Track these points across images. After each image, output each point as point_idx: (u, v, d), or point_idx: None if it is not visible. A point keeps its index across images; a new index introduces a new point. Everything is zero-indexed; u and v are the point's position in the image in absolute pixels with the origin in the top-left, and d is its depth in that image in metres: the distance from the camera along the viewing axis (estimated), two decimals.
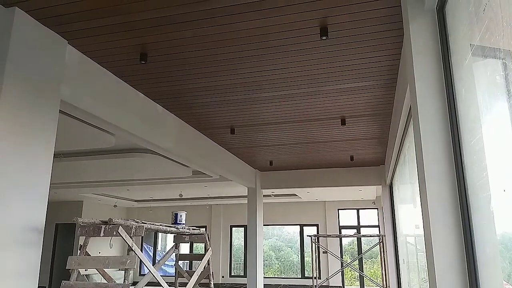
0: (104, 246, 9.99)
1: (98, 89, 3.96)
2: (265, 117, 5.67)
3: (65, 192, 11.69)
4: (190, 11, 3.11)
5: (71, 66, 3.57)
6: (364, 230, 14.66)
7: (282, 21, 3.24)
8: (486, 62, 1.74)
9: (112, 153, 7.34)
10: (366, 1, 2.97)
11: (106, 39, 3.50)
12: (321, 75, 4.25)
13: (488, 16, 1.52)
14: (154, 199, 14.54)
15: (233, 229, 16.10)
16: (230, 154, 7.91)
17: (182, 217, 4.35)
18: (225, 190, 11.83)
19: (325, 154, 8.04)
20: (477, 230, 1.92)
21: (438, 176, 2.08)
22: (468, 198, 1.97)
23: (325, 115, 5.56)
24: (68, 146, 6.68)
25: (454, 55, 2.12)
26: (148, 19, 3.20)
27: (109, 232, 3.15)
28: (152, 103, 4.97)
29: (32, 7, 3.02)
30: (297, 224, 15.54)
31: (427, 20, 2.29)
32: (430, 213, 2.07)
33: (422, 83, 2.21)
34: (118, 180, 9.83)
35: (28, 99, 3.04)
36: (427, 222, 2.13)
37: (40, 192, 3.09)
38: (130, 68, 4.05)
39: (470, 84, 1.93)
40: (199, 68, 4.08)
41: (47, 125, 3.19)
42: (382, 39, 3.52)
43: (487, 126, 1.74)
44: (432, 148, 2.12)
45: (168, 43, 3.58)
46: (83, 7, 3.03)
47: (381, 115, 5.62)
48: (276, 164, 9.00)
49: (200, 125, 6.07)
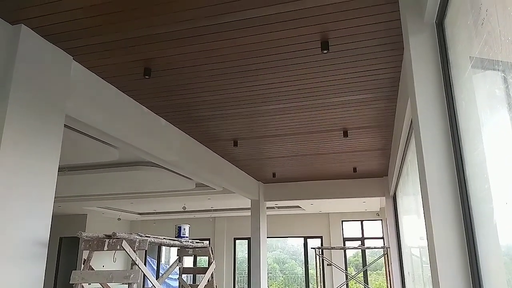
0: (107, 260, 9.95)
1: (102, 104, 4.00)
2: (267, 129, 5.70)
3: (69, 206, 11.70)
4: (193, 27, 3.16)
5: (76, 81, 3.62)
6: (368, 242, 14.54)
7: (283, 35, 3.28)
8: (486, 75, 1.75)
9: (116, 166, 7.37)
10: (366, 15, 3.01)
11: (111, 55, 3.55)
12: (323, 88, 4.28)
13: (486, 30, 1.54)
14: (158, 212, 14.51)
15: (237, 241, 16.00)
16: (233, 167, 7.92)
17: (185, 231, 4.35)
18: (229, 202, 11.81)
19: (328, 166, 8.04)
20: (481, 242, 1.91)
21: (440, 189, 2.09)
22: (471, 210, 1.97)
23: (327, 127, 5.58)
24: (72, 159, 6.72)
25: (454, 68, 2.14)
26: (152, 35, 3.25)
27: (112, 246, 3.15)
28: (155, 116, 5.01)
29: (38, 24, 3.08)
30: (301, 236, 15.43)
31: (427, 33, 2.32)
32: (433, 225, 2.07)
33: (423, 96, 2.23)
34: (122, 193, 9.84)
35: (34, 114, 3.08)
36: (430, 235, 2.13)
37: (45, 206, 3.11)
38: (134, 82, 4.10)
39: (470, 96, 1.94)
40: (202, 82, 4.12)
41: (52, 139, 3.22)
42: (382, 52, 3.56)
43: (488, 138, 1.75)
44: (434, 161, 2.13)
45: (171, 58, 3.63)
46: (88, 24, 3.09)
47: (383, 127, 5.63)
48: (279, 176, 8.99)
49: (203, 138, 6.10)
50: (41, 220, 3.06)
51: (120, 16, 3.01)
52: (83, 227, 13.44)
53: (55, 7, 2.89)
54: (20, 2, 2.82)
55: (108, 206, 12.65)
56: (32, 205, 3.00)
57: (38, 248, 3.00)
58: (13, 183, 2.88)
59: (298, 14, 3.00)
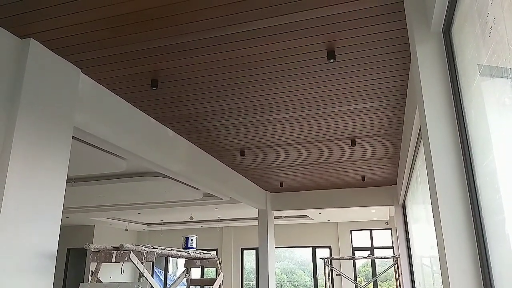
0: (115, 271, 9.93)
1: (110, 115, 4.03)
2: (274, 138, 5.69)
3: (77, 217, 11.74)
4: (199, 39, 3.18)
5: (84, 94, 3.66)
6: (378, 252, 14.37)
7: (289, 45, 3.29)
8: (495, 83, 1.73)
9: (124, 177, 7.40)
10: (372, 24, 3.01)
11: (118, 67, 3.58)
12: (330, 96, 4.27)
13: (494, 39, 1.53)
14: (165, 222, 14.50)
15: (244, 252, 15.91)
16: (241, 176, 7.90)
17: (193, 242, 4.33)
18: (236, 212, 11.77)
19: (336, 175, 7.99)
20: (493, 253, 1.87)
21: (451, 199, 2.06)
22: (482, 221, 1.94)
23: (334, 135, 5.56)
24: (80, 171, 6.76)
25: (462, 76, 2.13)
26: (159, 47, 3.28)
27: (120, 258, 3.14)
28: (163, 127, 5.03)
29: (47, 38, 3.12)
30: (309, 246, 15.30)
31: (434, 42, 2.31)
32: (444, 236, 2.04)
33: (431, 106, 2.21)
34: (129, 203, 9.86)
35: (42, 127, 3.10)
36: (441, 246, 2.09)
37: (53, 219, 3.11)
38: (142, 94, 4.13)
39: (480, 105, 1.92)
40: (209, 92, 4.14)
41: (60, 151, 3.24)
42: (389, 61, 3.55)
43: (499, 148, 1.72)
44: (443, 170, 2.10)
45: (178, 69, 3.65)
46: (96, 37, 3.12)
47: (391, 135, 5.59)
48: (287, 185, 8.96)
49: (210, 148, 6.10)
50: (49, 233, 3.07)
51: (127, 29, 3.04)
52: (91, 238, 13.46)
53: (63, 21, 2.93)
54: (29, 16, 2.87)
55: (116, 217, 12.67)
56: (40, 218, 3.01)
57: (46, 260, 3.00)
58: (22, 195, 2.89)
59: (304, 24, 3.01)
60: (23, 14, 2.84)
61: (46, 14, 2.85)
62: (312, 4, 2.78)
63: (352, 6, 2.80)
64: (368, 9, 2.84)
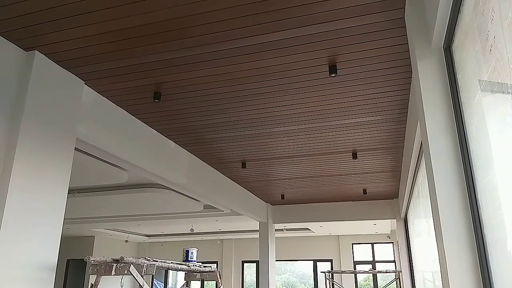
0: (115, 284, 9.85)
1: (112, 127, 4.05)
2: (276, 151, 5.69)
3: (77, 228, 11.69)
4: (202, 52, 3.21)
5: (87, 106, 3.68)
6: (379, 266, 14.23)
7: (292, 59, 3.32)
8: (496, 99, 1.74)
9: (125, 188, 7.39)
10: (373, 39, 3.04)
11: (122, 80, 3.61)
12: (331, 110, 4.29)
13: (495, 57, 1.54)
14: (165, 233, 14.43)
15: (245, 264, 15.78)
16: (242, 188, 7.89)
17: (193, 254, 4.31)
18: (237, 224, 11.71)
19: (337, 188, 7.97)
20: (495, 271, 1.86)
21: (452, 214, 2.05)
22: (484, 237, 1.93)
23: (336, 148, 5.56)
24: (81, 182, 6.76)
25: (463, 92, 2.14)
26: (162, 60, 3.31)
27: (120, 271, 3.13)
28: (165, 139, 5.04)
29: (51, 51, 3.15)
30: (310, 259, 15.18)
31: (435, 58, 2.33)
32: (446, 253, 2.03)
33: (432, 121, 2.22)
34: (130, 215, 9.83)
35: (45, 138, 3.12)
36: (443, 262, 2.08)
37: (54, 230, 3.11)
38: (144, 106, 4.15)
39: (481, 121, 1.93)
40: (211, 105, 4.16)
41: (62, 163, 3.25)
42: (390, 75, 3.57)
43: (500, 162, 1.72)
44: (445, 186, 2.10)
45: (180, 82, 3.68)
46: (100, 50, 3.16)
47: (393, 149, 5.59)
48: (288, 198, 8.93)
49: (211, 160, 6.11)
50: (49, 245, 3.06)
51: (131, 43, 3.07)
52: (91, 249, 13.39)
53: (68, 34, 2.96)
54: (35, 30, 2.90)
55: (116, 228, 12.62)
56: (41, 229, 3.00)
57: (46, 272, 2.99)
58: (24, 206, 2.89)
59: (307, 39, 3.04)
60: (29, 27, 2.88)
61: (51, 28, 2.88)
62: (315, 20, 2.81)
63: (354, 22, 2.83)
64: (370, 25, 2.87)
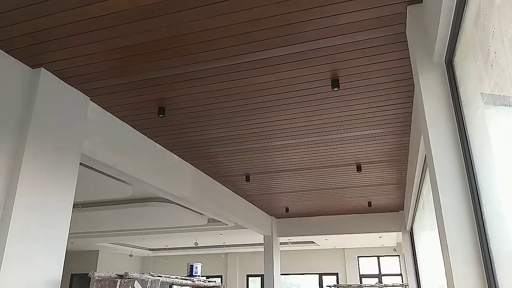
0: None
1: (117, 142, 4.08)
2: (280, 164, 5.70)
3: (81, 242, 11.68)
4: (206, 68, 3.24)
5: (93, 121, 3.72)
6: (386, 279, 14.07)
7: (295, 74, 3.34)
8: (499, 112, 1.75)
9: (129, 202, 7.40)
10: (375, 54, 3.06)
11: (126, 95, 3.65)
12: (334, 123, 4.30)
13: (496, 72, 1.55)
14: (169, 247, 14.37)
15: (250, 278, 15.64)
16: (246, 202, 7.87)
17: (197, 269, 4.29)
18: (241, 238, 11.65)
19: (342, 200, 7.94)
20: (503, 285, 1.84)
21: (458, 229, 2.04)
22: (490, 252, 1.91)
23: (340, 161, 5.56)
24: (86, 196, 6.78)
25: (466, 106, 2.15)
26: (165, 76, 3.35)
27: (124, 286, 3.11)
28: (169, 153, 5.07)
29: (57, 68, 3.20)
30: (315, 273, 15.03)
31: (437, 72, 2.34)
32: (452, 266, 2.01)
33: (436, 135, 2.22)
34: (134, 229, 9.82)
35: (51, 153, 3.14)
36: (450, 277, 2.06)
37: (58, 246, 3.11)
38: (149, 121, 4.19)
39: (484, 134, 1.93)
40: (215, 119, 4.18)
41: (67, 178, 3.27)
42: (393, 89, 3.59)
43: (504, 177, 1.72)
44: (450, 200, 2.09)
45: (184, 97, 3.71)
46: (105, 66, 3.20)
47: (397, 161, 5.58)
48: (293, 211, 8.89)
49: (215, 174, 6.11)
50: (54, 260, 3.06)
51: (135, 60, 3.11)
52: (95, 264, 13.34)
53: (73, 52, 3.01)
54: (41, 47, 2.95)
55: (120, 242, 12.59)
56: (46, 245, 3.00)
57: (50, 287, 2.98)
58: (29, 222, 2.90)
59: (309, 54, 3.07)
60: (35, 45, 2.93)
61: (56, 45, 2.93)
62: (317, 35, 2.84)
63: (356, 37, 2.86)
64: (371, 40, 2.89)
